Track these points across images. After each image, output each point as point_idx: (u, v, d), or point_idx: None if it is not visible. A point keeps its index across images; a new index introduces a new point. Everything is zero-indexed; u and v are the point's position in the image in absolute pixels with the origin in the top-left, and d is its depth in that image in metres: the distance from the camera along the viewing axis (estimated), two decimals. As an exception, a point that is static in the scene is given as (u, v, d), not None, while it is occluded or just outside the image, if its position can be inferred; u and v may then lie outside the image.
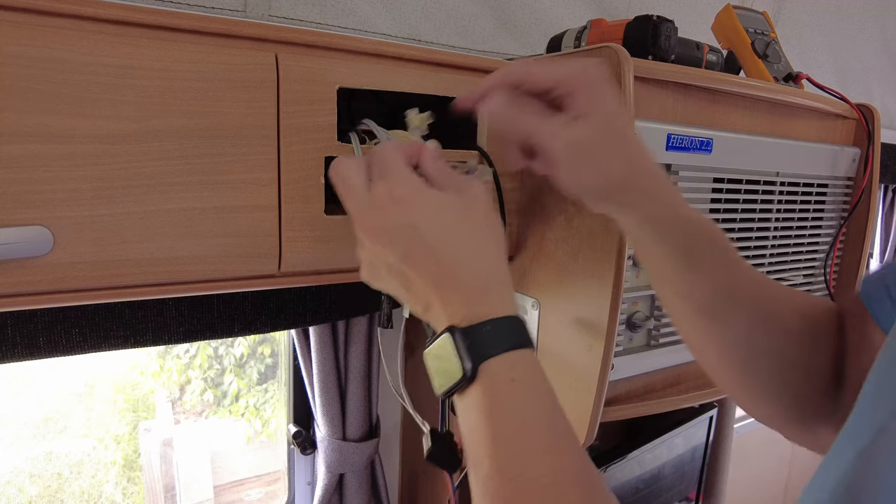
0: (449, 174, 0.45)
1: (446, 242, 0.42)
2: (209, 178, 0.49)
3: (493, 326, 0.40)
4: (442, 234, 0.42)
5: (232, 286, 0.52)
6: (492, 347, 0.40)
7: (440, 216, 0.42)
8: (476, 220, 0.44)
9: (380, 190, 0.43)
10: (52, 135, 0.42)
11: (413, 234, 0.42)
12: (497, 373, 0.39)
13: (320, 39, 0.52)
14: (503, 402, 0.39)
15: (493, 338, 0.40)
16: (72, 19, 0.43)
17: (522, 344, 0.41)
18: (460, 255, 0.42)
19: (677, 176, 0.65)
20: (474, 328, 0.40)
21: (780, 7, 1.35)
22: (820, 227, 0.84)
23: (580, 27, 0.75)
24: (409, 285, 0.43)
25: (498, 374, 0.39)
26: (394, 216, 0.42)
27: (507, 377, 0.39)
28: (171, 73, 0.45)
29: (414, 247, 0.42)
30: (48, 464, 2.02)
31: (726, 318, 0.49)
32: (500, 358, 0.40)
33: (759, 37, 0.78)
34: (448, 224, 0.42)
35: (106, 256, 0.46)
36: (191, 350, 2.25)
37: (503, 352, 0.40)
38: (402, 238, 0.42)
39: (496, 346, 0.40)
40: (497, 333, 0.40)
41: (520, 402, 0.39)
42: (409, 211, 0.42)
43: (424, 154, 0.46)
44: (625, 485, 1.00)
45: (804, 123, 0.79)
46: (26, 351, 0.63)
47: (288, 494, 1.07)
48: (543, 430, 0.38)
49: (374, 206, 0.43)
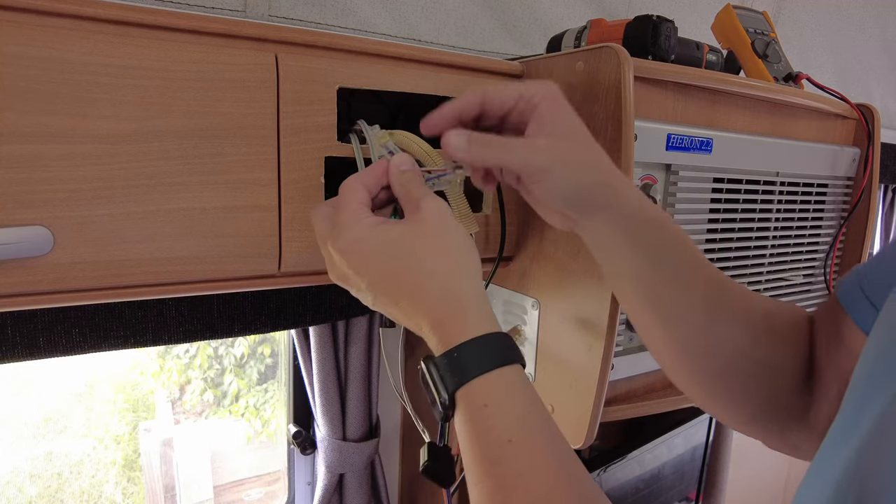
0: (407, 191, 0.45)
1: (402, 273, 0.42)
2: (209, 178, 0.49)
3: (462, 350, 0.40)
4: (396, 267, 0.42)
5: (232, 286, 0.52)
6: (463, 374, 0.39)
7: (390, 251, 0.42)
8: (426, 244, 0.43)
9: (333, 243, 0.44)
10: (52, 135, 0.42)
11: (369, 278, 0.43)
12: (472, 399, 0.39)
13: (320, 39, 0.52)
14: (481, 428, 0.38)
15: (463, 363, 0.40)
16: (71, 19, 0.43)
17: (500, 363, 0.40)
18: (419, 282, 0.42)
19: (677, 176, 0.65)
20: (445, 355, 0.40)
21: (779, 7, 1.35)
22: (820, 227, 0.84)
23: (580, 27, 0.75)
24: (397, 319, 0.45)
25: (473, 400, 0.39)
26: (349, 264, 0.43)
27: (480, 403, 0.39)
28: (170, 73, 0.45)
29: (375, 288, 0.43)
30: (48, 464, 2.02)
31: (696, 324, 0.49)
32: (473, 384, 0.39)
33: (759, 37, 0.78)
34: (400, 255, 0.42)
35: (106, 256, 0.46)
36: (191, 350, 2.25)
37: (476, 376, 0.39)
38: (363, 282, 0.43)
39: (467, 371, 0.39)
40: (467, 358, 0.40)
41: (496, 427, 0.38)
42: (358, 256, 0.43)
43: (390, 172, 0.47)
44: (625, 485, 1.00)
45: (804, 123, 0.79)
46: (26, 351, 0.63)
47: (288, 494, 1.07)
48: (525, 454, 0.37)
49: (331, 259, 0.45)
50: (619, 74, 0.55)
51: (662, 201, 0.65)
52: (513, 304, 0.70)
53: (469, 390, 0.39)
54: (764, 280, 0.79)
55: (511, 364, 0.40)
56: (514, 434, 0.38)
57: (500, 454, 0.37)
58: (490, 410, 0.38)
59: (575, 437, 0.62)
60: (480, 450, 0.38)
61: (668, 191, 0.65)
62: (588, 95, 0.58)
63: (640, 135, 0.59)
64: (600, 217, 0.48)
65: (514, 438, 0.38)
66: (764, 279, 0.79)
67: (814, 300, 0.87)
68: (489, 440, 0.38)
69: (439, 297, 0.42)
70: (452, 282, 0.43)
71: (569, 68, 0.60)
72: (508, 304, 0.71)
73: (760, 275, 0.78)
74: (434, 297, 0.42)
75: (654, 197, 0.63)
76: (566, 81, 0.60)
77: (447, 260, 0.43)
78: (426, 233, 0.43)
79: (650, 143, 0.61)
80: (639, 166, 0.62)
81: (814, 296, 0.87)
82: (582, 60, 0.58)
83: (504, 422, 0.38)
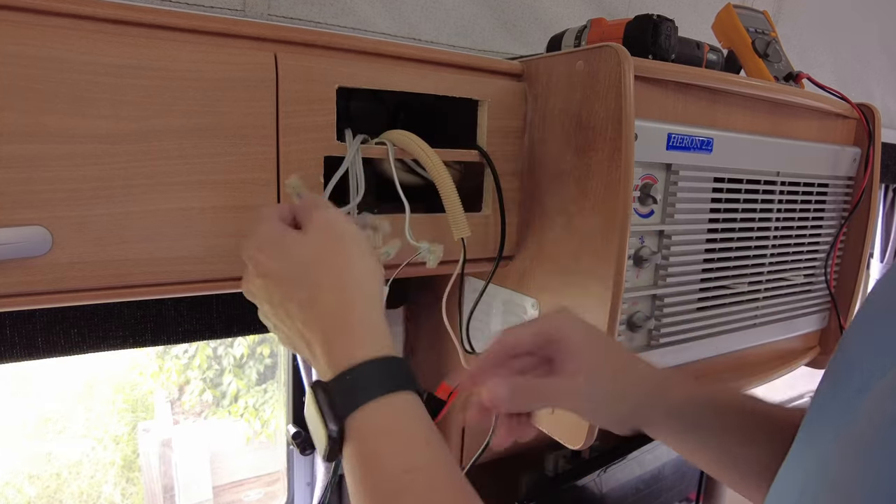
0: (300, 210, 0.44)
1: (291, 289, 0.40)
2: (208, 177, 0.48)
3: (355, 374, 0.37)
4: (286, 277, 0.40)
5: (231, 286, 0.52)
6: (355, 399, 0.36)
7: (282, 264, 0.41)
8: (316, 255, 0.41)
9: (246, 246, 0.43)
10: (51, 134, 0.42)
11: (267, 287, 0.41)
12: (367, 425, 0.36)
13: (319, 39, 0.52)
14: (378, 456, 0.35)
15: (358, 387, 0.36)
16: (71, 19, 0.43)
17: (394, 388, 0.37)
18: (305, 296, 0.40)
19: (677, 175, 0.65)
20: (335, 380, 0.37)
21: (780, 6, 1.35)
22: (820, 227, 0.84)
23: (580, 26, 0.75)
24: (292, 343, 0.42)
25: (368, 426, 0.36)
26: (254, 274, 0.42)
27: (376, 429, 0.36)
28: (170, 72, 0.45)
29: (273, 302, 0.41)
30: (47, 464, 2.02)
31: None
32: (368, 408, 0.36)
33: (760, 36, 0.78)
34: (288, 270, 0.40)
35: (105, 256, 0.46)
36: (190, 350, 2.25)
37: (372, 399, 0.36)
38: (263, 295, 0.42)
39: (360, 396, 0.36)
40: (360, 382, 0.37)
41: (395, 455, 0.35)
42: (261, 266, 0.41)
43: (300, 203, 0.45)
44: (625, 485, 1.00)
45: (805, 123, 0.79)
46: (25, 351, 0.62)
47: (287, 495, 1.06)
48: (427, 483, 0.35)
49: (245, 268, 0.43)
50: (620, 74, 0.55)
51: (663, 201, 0.65)
52: (513, 304, 0.70)
53: (364, 415, 0.36)
54: (764, 280, 0.79)
55: (406, 391, 0.38)
56: (415, 463, 0.35)
57: (400, 485, 0.34)
58: (388, 438, 0.36)
59: (574, 438, 0.62)
60: (376, 481, 0.35)
61: (669, 190, 0.65)
62: (588, 95, 0.58)
63: (640, 134, 0.59)
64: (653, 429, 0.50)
65: (414, 468, 0.35)
66: (764, 279, 0.79)
67: (814, 300, 0.87)
68: (388, 469, 0.35)
69: (330, 311, 0.39)
70: (345, 295, 0.40)
71: (569, 68, 0.60)
72: (508, 304, 0.71)
73: (761, 275, 0.78)
74: (325, 311, 0.39)
75: (655, 196, 0.63)
76: (566, 81, 0.60)
77: (340, 272, 0.41)
78: (319, 242, 0.41)
79: (650, 143, 0.61)
80: (639, 166, 0.61)
81: (814, 296, 0.87)
82: (582, 60, 0.58)
83: (404, 450, 0.35)
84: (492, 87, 0.62)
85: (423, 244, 0.53)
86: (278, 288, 0.41)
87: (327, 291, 0.40)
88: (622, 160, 0.55)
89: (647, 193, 0.62)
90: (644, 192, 0.62)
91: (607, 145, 0.56)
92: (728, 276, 0.74)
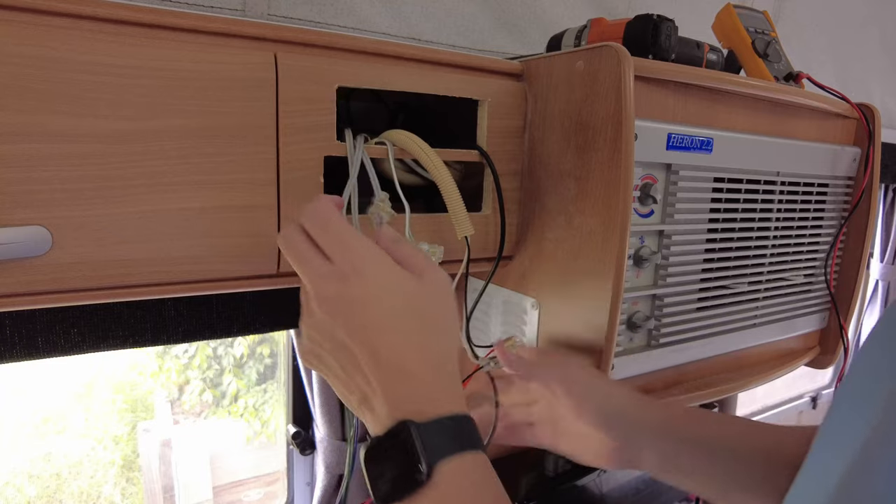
0: (413, 253, 0.43)
1: (401, 323, 0.40)
2: (208, 177, 0.48)
3: (458, 422, 0.38)
4: (398, 314, 0.40)
5: (231, 286, 0.52)
6: (448, 447, 0.37)
7: (400, 295, 0.41)
8: (435, 308, 0.42)
9: (342, 259, 0.41)
10: (51, 134, 0.42)
11: (369, 310, 0.40)
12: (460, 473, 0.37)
13: (319, 38, 0.52)
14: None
15: (449, 436, 0.37)
16: (71, 18, 0.43)
17: (475, 445, 0.38)
18: (413, 340, 0.40)
19: (677, 175, 0.65)
20: (432, 424, 0.37)
21: (780, 6, 1.35)
22: (820, 227, 0.84)
23: (580, 26, 0.75)
24: (350, 368, 0.41)
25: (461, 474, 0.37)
26: (353, 287, 0.40)
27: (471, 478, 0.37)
28: (169, 72, 0.45)
29: (367, 322, 0.40)
30: (47, 464, 2.02)
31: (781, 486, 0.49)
32: (465, 457, 0.37)
33: (760, 36, 0.78)
34: (407, 305, 0.41)
35: (105, 256, 0.46)
36: (190, 350, 2.25)
37: (467, 450, 0.37)
38: (358, 310, 0.40)
39: (452, 445, 0.37)
40: (460, 430, 0.38)
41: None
42: (369, 283, 0.40)
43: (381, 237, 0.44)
44: (624, 485, 1.00)
45: (805, 123, 0.79)
46: (25, 351, 0.62)
47: (287, 495, 1.06)
48: None
49: (333, 275, 0.40)
50: (620, 74, 0.55)
51: (663, 201, 0.65)
52: (512, 304, 0.70)
53: (460, 463, 0.37)
54: (764, 280, 0.79)
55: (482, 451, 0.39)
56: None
57: None
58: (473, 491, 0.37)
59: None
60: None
61: (669, 190, 0.65)
62: (588, 95, 0.58)
63: (640, 134, 0.59)
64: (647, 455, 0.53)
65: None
66: (764, 279, 0.79)
67: (814, 300, 0.87)
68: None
69: (440, 362, 0.40)
70: (452, 352, 0.42)
71: (569, 67, 0.60)
72: (508, 304, 0.71)
73: (761, 275, 0.78)
74: (435, 360, 0.40)
75: (655, 196, 0.63)
76: (566, 81, 0.60)
77: (452, 331, 0.44)
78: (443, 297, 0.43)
79: (650, 143, 0.61)
80: (639, 166, 0.61)
81: (814, 296, 0.87)
82: (582, 60, 0.58)
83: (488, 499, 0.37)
84: (492, 87, 0.62)
85: (423, 245, 0.53)
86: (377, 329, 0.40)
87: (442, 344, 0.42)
88: (622, 160, 0.55)
89: (647, 193, 0.62)
90: (644, 192, 0.62)
91: (607, 145, 0.56)
92: (728, 275, 0.74)
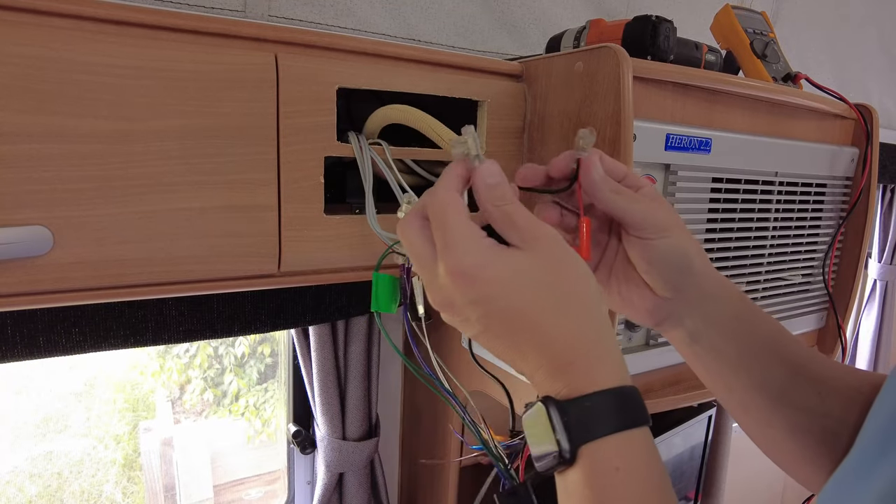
0: (511, 217, 0.39)
1: (527, 309, 0.37)
2: (209, 178, 0.49)
3: (596, 401, 0.35)
4: (522, 302, 0.37)
5: (232, 286, 0.53)
6: (594, 428, 0.35)
7: (517, 282, 0.37)
8: (562, 278, 0.38)
9: (447, 265, 0.38)
10: (52, 134, 0.42)
11: (487, 309, 0.37)
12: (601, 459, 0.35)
13: (320, 39, 0.52)
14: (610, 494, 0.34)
15: (597, 416, 0.35)
16: (72, 19, 0.43)
17: (634, 422, 0.35)
18: (545, 321, 0.37)
19: (676, 175, 0.65)
20: (573, 402, 0.35)
21: (778, 7, 1.35)
22: (818, 227, 0.85)
23: (579, 27, 0.75)
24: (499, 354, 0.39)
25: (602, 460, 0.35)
26: (464, 292, 0.37)
27: (610, 465, 0.34)
28: (170, 73, 0.46)
29: (490, 321, 0.38)
30: (48, 463, 2.02)
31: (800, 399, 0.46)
32: (606, 441, 0.35)
33: (758, 37, 0.78)
34: (527, 289, 0.37)
35: (105, 256, 0.46)
36: (191, 350, 2.25)
37: (608, 433, 0.35)
38: (476, 313, 0.38)
39: (600, 426, 0.35)
40: (601, 410, 0.35)
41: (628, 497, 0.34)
42: (480, 285, 0.37)
43: (479, 184, 0.40)
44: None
45: (803, 123, 0.79)
46: (26, 350, 0.63)
47: (288, 494, 1.07)
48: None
49: (442, 282, 0.38)
50: (619, 74, 0.55)
51: (661, 201, 0.65)
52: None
53: (599, 448, 0.35)
54: (763, 280, 0.79)
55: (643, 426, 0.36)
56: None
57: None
58: (623, 476, 0.34)
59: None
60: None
61: (667, 190, 0.65)
62: (587, 95, 0.58)
63: (639, 135, 0.59)
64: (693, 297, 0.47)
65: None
66: (763, 279, 0.79)
67: (812, 300, 0.87)
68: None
69: (569, 338, 0.37)
70: (597, 320, 0.38)
71: (568, 68, 0.60)
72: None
73: (759, 275, 0.78)
74: (563, 339, 0.37)
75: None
76: (565, 81, 0.60)
77: (589, 295, 0.39)
78: (563, 262, 0.38)
79: (649, 143, 0.62)
80: (638, 166, 0.62)
81: (812, 296, 0.87)
82: (581, 61, 0.58)
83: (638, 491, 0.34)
84: (491, 88, 0.62)
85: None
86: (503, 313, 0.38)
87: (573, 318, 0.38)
88: (621, 160, 0.55)
89: (646, 193, 0.63)
90: (642, 192, 0.63)
91: (606, 146, 0.57)
92: (726, 275, 0.74)
